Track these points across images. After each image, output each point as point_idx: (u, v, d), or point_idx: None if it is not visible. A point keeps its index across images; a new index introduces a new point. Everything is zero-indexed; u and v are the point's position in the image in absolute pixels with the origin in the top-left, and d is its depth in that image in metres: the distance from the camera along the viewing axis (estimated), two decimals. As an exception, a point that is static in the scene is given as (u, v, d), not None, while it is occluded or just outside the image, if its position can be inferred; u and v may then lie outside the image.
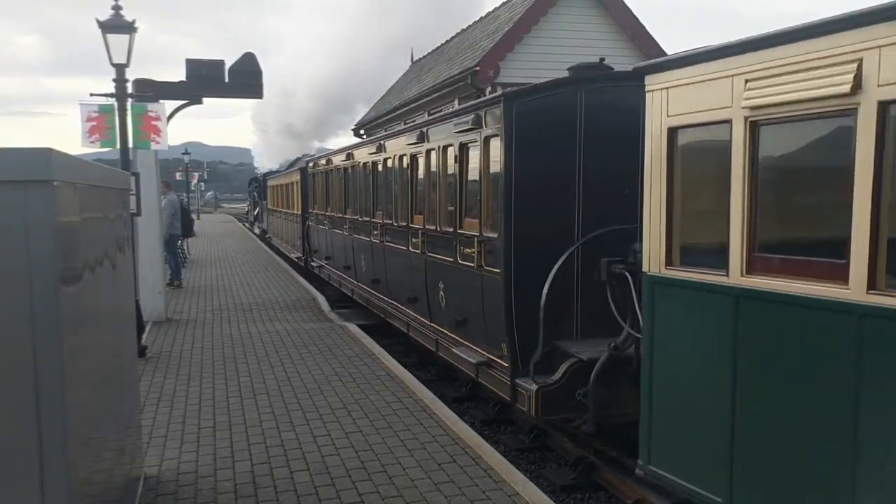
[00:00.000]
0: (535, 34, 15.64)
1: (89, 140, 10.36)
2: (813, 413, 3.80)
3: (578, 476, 6.32)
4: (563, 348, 6.44)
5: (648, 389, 4.97)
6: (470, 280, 7.61)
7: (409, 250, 9.88)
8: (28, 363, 2.57)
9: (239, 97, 12.90)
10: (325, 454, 6.13)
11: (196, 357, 9.79)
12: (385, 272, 11.25)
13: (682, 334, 4.74)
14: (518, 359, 6.66)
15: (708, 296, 4.44)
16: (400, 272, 10.39)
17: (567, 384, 6.12)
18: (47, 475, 2.60)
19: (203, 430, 6.77)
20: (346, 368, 9.05)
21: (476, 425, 7.67)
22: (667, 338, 4.85)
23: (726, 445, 4.31)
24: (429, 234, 9.04)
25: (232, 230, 44.16)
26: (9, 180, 2.56)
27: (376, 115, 25.14)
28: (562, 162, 6.66)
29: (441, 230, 8.57)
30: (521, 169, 6.64)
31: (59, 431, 2.62)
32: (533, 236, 6.64)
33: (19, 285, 2.57)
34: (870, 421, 3.50)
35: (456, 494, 5.31)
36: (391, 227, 10.76)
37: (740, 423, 4.22)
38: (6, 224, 2.57)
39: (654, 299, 4.90)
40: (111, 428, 4.02)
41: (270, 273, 20.12)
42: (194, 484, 5.55)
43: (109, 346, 4.15)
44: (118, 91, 10.26)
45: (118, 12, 10.17)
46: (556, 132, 6.71)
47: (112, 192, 4.47)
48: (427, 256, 9.09)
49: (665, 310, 4.86)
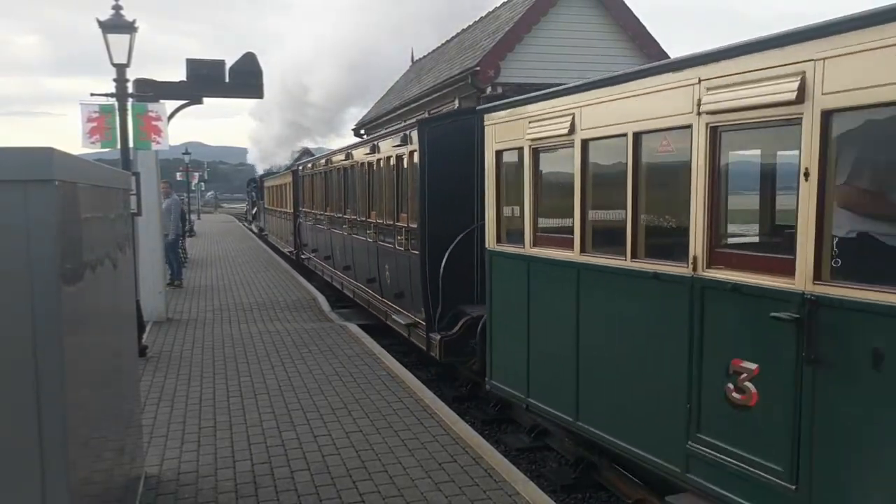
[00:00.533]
0: (535, 34, 15.63)
1: (90, 141, 10.37)
2: (561, 331, 6.00)
3: (579, 475, 6.32)
4: (463, 310, 8.51)
5: (490, 327, 7.22)
6: (403, 262, 9.91)
7: (366, 240, 12.10)
8: (29, 363, 2.57)
9: (239, 97, 12.91)
10: (326, 454, 6.13)
11: (196, 357, 9.80)
12: (353, 260, 13.37)
13: (504, 287, 6.95)
14: (432, 319, 8.82)
15: (514, 260, 6.69)
16: (362, 259, 12.56)
17: (462, 336, 8.22)
18: (48, 475, 2.60)
19: (203, 430, 6.77)
20: (346, 368, 9.05)
21: (476, 425, 7.68)
22: (496, 290, 7.12)
23: (526, 362, 6.54)
24: (379, 226, 11.26)
25: (232, 230, 44.17)
26: (10, 180, 2.56)
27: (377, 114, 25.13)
28: (463, 170, 8.53)
29: (386, 223, 10.78)
30: (432, 175, 8.84)
31: (60, 431, 2.62)
32: (441, 226, 8.68)
33: (20, 285, 2.57)
34: (585, 319, 5.74)
35: (456, 494, 5.31)
36: (356, 221, 12.98)
37: (532, 346, 6.46)
38: (7, 224, 2.57)
39: (491, 265, 7.18)
40: (112, 428, 4.02)
41: (270, 273, 20.13)
42: (195, 483, 5.56)
43: (110, 346, 4.15)
44: (119, 91, 10.26)
45: (118, 12, 10.17)
46: (458, 148, 8.66)
47: (113, 192, 4.47)
48: (378, 244, 11.31)
49: (495, 271, 7.13)
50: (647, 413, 5.01)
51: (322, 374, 8.80)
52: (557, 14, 15.77)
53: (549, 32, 15.60)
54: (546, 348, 6.30)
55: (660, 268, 4.83)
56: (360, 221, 12.63)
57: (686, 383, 4.60)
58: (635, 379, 5.11)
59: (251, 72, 12.33)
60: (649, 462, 5.00)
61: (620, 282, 5.27)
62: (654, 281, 4.86)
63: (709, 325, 4.45)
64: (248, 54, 12.49)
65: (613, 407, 5.40)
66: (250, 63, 12.39)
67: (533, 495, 5.30)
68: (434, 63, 21.92)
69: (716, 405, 4.41)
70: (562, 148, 5.97)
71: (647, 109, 4.89)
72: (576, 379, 5.81)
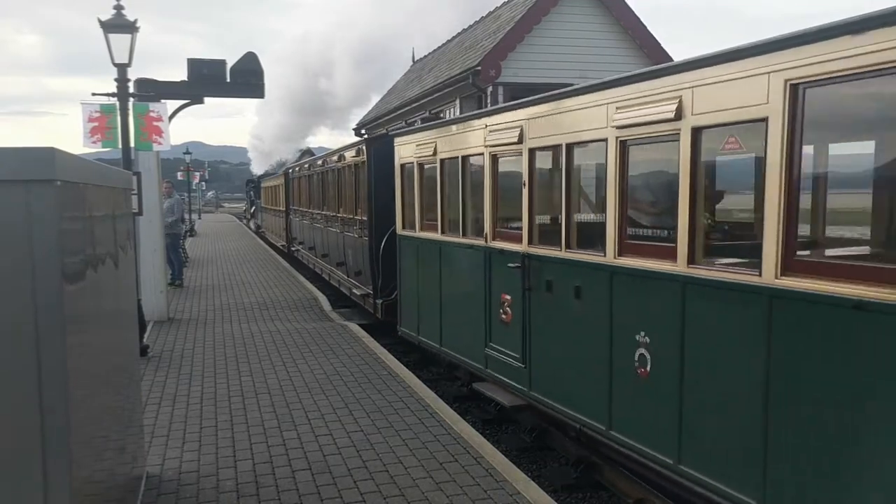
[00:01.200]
0: (536, 34, 15.63)
1: (91, 140, 10.36)
2: (434, 288, 8.98)
3: (580, 475, 6.32)
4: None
5: (399, 289, 10.24)
6: (359, 247, 12.52)
7: (336, 231, 14.80)
8: (31, 361, 2.58)
9: (241, 97, 12.88)
10: (327, 453, 6.13)
11: (198, 356, 9.80)
12: (328, 247, 16.03)
13: (407, 260, 9.96)
14: (377, 289, 11.42)
15: (410, 240, 9.73)
16: (334, 246, 15.21)
17: (395, 301, 10.62)
18: (50, 473, 2.61)
19: (205, 430, 6.78)
20: (347, 368, 9.06)
21: (477, 425, 7.67)
22: (402, 262, 10.14)
23: (417, 312, 9.62)
24: (344, 219, 14.00)
25: (232, 230, 44.18)
26: (12, 179, 2.57)
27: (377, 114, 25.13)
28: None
29: (348, 216, 13.50)
30: (377, 181, 11.30)
31: (62, 429, 2.63)
32: (383, 219, 10.94)
33: (23, 283, 2.57)
34: (444, 278, 8.78)
35: (457, 494, 5.31)
36: (329, 216, 15.73)
37: (420, 301, 9.51)
38: (10, 223, 2.57)
39: (399, 245, 10.19)
40: (113, 427, 4.03)
41: (271, 272, 20.13)
42: (196, 483, 5.56)
43: (112, 345, 4.15)
44: (120, 91, 10.26)
45: (120, 12, 10.17)
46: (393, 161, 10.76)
47: (114, 192, 4.48)
48: (343, 234, 14.06)
49: (401, 248, 10.15)
50: (468, 333, 8.06)
51: (323, 373, 8.80)
52: (559, 14, 15.78)
53: (551, 32, 15.60)
54: (427, 301, 9.24)
55: (473, 241, 7.89)
56: (331, 216, 15.39)
57: (483, 312, 7.65)
58: (464, 313, 8.20)
59: (252, 71, 12.32)
60: (470, 366, 8.16)
61: (458, 251, 8.33)
62: (470, 250, 7.98)
63: (491, 273, 7.50)
64: (250, 54, 12.48)
65: (456, 333, 8.53)
66: (251, 62, 12.38)
67: (534, 495, 5.30)
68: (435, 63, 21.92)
69: (497, 324, 7.43)
70: (430, 164, 9.08)
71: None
72: (440, 319, 8.88)
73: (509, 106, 7.17)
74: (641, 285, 5.18)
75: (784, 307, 3.98)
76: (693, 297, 4.67)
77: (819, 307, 3.77)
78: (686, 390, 4.74)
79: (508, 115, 7.01)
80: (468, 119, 8.08)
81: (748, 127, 4.28)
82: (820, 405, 3.80)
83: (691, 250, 4.69)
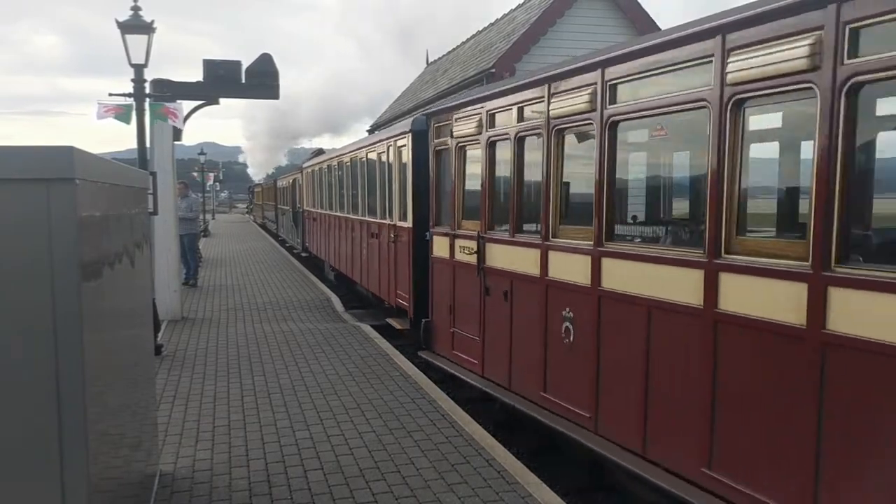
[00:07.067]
0: (551, 36, 15.61)
1: (104, 111, 10.31)
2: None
3: (592, 478, 6.29)
4: None
5: None
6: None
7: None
8: (50, 357, 2.60)
9: (256, 98, 12.96)
10: (339, 454, 6.14)
11: (211, 356, 9.85)
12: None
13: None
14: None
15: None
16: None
17: None
18: (67, 468, 2.63)
19: (218, 429, 6.81)
20: (359, 368, 9.07)
21: (489, 427, 7.65)
22: None
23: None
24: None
25: (246, 231, 44.36)
26: (32, 178, 2.59)
27: (391, 116, 25.18)
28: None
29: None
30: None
31: (80, 424, 2.65)
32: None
33: (42, 281, 2.60)
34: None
35: (469, 496, 5.30)
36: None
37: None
38: (29, 221, 2.60)
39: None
40: (128, 423, 4.05)
41: (284, 272, 20.20)
42: (209, 482, 5.58)
43: (127, 343, 4.18)
44: (136, 91, 10.34)
45: (137, 13, 10.25)
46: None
47: (131, 191, 4.51)
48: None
49: None
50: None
51: (335, 374, 8.82)
52: (573, 16, 15.76)
53: (566, 34, 15.57)
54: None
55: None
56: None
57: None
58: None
59: (268, 72, 12.38)
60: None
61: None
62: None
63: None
64: (265, 55, 12.54)
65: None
66: (267, 64, 12.44)
67: (546, 498, 5.29)
68: (449, 65, 21.94)
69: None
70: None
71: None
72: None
73: None
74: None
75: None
76: None
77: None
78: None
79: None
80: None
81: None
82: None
83: None
